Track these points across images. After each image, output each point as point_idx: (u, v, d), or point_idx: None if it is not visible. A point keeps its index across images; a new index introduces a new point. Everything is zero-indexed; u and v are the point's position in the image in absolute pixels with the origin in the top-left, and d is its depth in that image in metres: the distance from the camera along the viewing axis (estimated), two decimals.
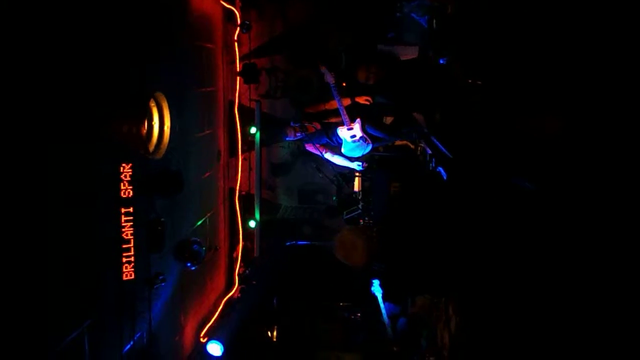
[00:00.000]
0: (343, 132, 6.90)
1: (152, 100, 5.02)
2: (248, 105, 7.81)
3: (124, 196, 4.33)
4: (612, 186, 3.40)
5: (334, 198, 7.68)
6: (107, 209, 4.27)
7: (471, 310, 4.27)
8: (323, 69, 6.74)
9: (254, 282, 7.57)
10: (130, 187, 4.34)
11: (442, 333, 5.29)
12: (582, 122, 3.74)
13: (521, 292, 3.64)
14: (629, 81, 3.51)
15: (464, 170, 4.45)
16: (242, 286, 7.62)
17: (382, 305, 6.22)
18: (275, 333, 7.33)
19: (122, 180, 4.29)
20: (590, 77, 3.74)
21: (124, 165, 4.24)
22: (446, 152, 4.72)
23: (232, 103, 7.78)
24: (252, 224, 7.79)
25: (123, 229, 4.38)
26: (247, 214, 7.85)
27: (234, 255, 7.94)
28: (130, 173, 4.33)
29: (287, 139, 7.43)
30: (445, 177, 4.73)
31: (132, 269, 4.46)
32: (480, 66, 4.52)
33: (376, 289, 6.31)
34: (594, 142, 3.65)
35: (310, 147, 7.42)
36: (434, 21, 6.11)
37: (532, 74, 4.12)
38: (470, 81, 4.55)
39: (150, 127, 5.06)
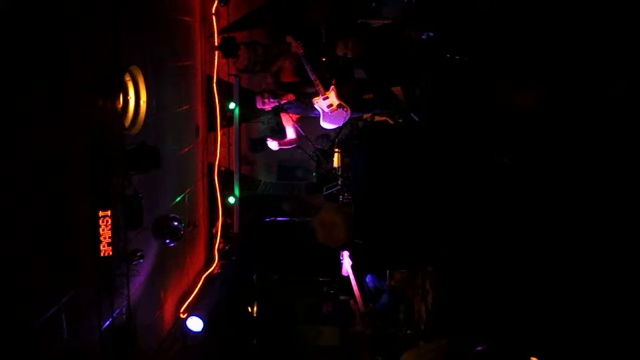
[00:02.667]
0: (319, 103, 6.86)
1: (127, 74, 4.92)
2: (227, 80, 7.71)
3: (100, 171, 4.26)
4: (588, 161, 3.44)
5: (314, 174, 7.67)
6: (83, 183, 4.21)
7: (448, 284, 4.33)
8: (289, 39, 6.68)
9: (234, 258, 7.58)
10: (107, 163, 4.28)
11: (419, 307, 5.36)
12: (559, 96, 3.77)
13: (496, 266, 3.69)
14: (605, 58, 3.54)
15: (442, 145, 4.47)
16: (222, 262, 7.62)
17: (352, 275, 6.27)
18: (255, 308, 7.36)
19: (97, 156, 4.22)
20: (567, 52, 3.75)
21: (99, 139, 4.16)
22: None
23: (210, 78, 7.68)
24: (231, 199, 7.76)
25: (99, 205, 4.32)
26: (227, 190, 7.81)
27: (214, 231, 7.92)
28: (107, 147, 4.26)
29: (259, 107, 7.37)
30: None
31: (110, 246, 4.42)
32: (458, 41, 4.51)
33: (346, 261, 6.36)
34: (571, 116, 3.68)
35: (285, 118, 7.38)
36: None
37: (511, 48, 4.12)
38: (448, 56, 4.55)
39: (126, 101, 4.98)
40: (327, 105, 6.82)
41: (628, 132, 3.55)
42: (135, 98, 5.10)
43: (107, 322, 4.66)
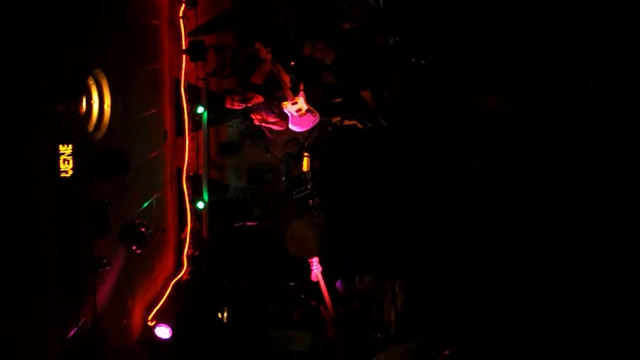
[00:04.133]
0: (288, 107, 6.85)
1: (90, 78, 4.83)
2: (195, 83, 7.63)
3: (64, 177, 4.17)
4: (552, 164, 3.49)
5: (283, 178, 7.64)
6: (46, 191, 4.12)
7: (417, 289, 4.35)
8: (258, 46, 6.66)
9: (203, 264, 7.50)
10: (70, 168, 4.19)
11: (388, 310, 5.38)
12: (524, 100, 3.82)
13: (464, 269, 3.72)
14: (573, 60, 3.59)
15: (410, 150, 4.49)
16: (191, 268, 7.54)
17: (321, 281, 6.27)
18: (225, 314, 7.30)
19: (60, 161, 4.13)
20: (534, 56, 3.80)
21: (62, 145, 4.07)
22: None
23: (178, 81, 7.59)
24: (200, 205, 7.68)
25: (64, 212, 4.23)
26: (196, 195, 7.73)
27: (183, 236, 7.82)
28: (70, 153, 4.17)
29: (227, 106, 7.32)
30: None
31: (75, 253, 4.33)
32: (426, 45, 4.54)
33: (316, 266, 6.36)
34: (539, 119, 3.73)
35: (256, 118, 7.34)
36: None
37: (478, 52, 4.16)
38: (414, 60, 4.58)
39: (90, 106, 4.88)
40: (296, 110, 6.82)
41: (597, 132, 3.61)
42: (100, 102, 5.01)
43: (72, 332, 4.56)
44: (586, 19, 3.67)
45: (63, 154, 4.09)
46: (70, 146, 4.11)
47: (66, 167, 4.13)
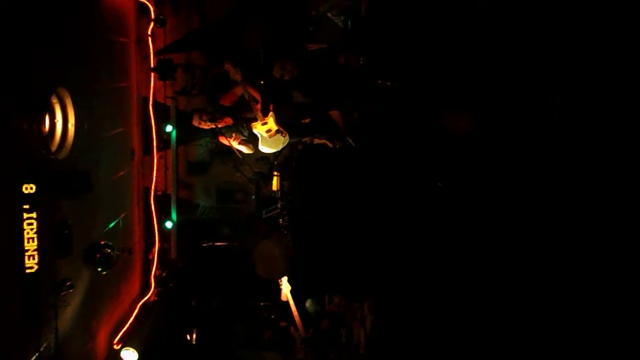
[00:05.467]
0: (257, 128, 6.82)
1: (54, 96, 4.74)
2: (164, 102, 7.57)
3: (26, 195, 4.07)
4: (520, 185, 3.53)
5: (253, 197, 7.59)
6: (6, 210, 4.01)
7: (386, 309, 4.34)
8: (227, 66, 6.65)
9: (171, 284, 7.39)
10: (32, 187, 4.09)
11: (358, 331, 5.35)
12: (492, 121, 3.86)
13: (434, 289, 3.72)
14: (541, 76, 3.65)
15: (379, 169, 4.51)
16: (159, 289, 7.41)
17: (291, 301, 6.21)
18: (194, 335, 7.18)
19: (22, 181, 4.03)
20: (501, 77, 3.86)
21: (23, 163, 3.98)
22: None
23: (146, 100, 7.52)
24: (168, 224, 7.56)
25: (24, 233, 4.12)
26: (164, 215, 7.62)
27: (150, 257, 7.69)
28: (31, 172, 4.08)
29: (194, 125, 7.26)
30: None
31: (36, 276, 4.21)
32: (392, 66, 4.59)
33: (285, 285, 6.30)
34: (504, 141, 3.78)
35: (223, 140, 7.30)
36: (349, 21, 6.16)
37: (444, 74, 4.21)
38: (380, 82, 4.61)
39: (53, 125, 4.79)
40: (265, 131, 6.79)
41: (567, 146, 3.65)
42: (63, 121, 4.92)
43: (34, 358, 4.42)
44: (554, 35, 3.74)
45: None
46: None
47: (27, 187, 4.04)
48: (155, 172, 7.62)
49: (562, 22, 3.73)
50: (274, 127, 6.79)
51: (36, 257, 4.15)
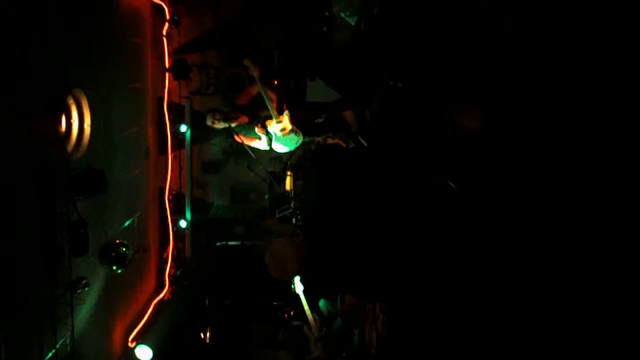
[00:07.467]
0: (272, 127, 6.82)
1: (70, 97, 4.80)
2: (179, 102, 7.63)
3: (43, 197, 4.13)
4: (527, 185, 3.52)
5: (266, 197, 7.61)
6: (25, 211, 4.07)
7: (397, 310, 4.34)
8: (247, 62, 6.63)
9: (186, 283, 7.43)
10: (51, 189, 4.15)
11: (369, 331, 5.35)
12: (499, 119, 3.85)
13: (445, 290, 3.72)
14: (548, 80, 3.63)
15: (391, 170, 4.51)
16: (173, 287, 7.46)
17: (304, 300, 6.20)
18: (208, 334, 7.22)
19: (40, 182, 4.10)
20: (508, 76, 3.84)
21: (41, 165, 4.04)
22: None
23: (161, 100, 7.58)
24: (182, 223, 7.63)
25: (43, 232, 4.19)
26: (178, 214, 7.68)
27: (165, 256, 7.75)
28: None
29: (208, 124, 7.29)
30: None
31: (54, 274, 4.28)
32: (404, 67, 4.58)
33: (297, 285, 6.30)
34: (511, 140, 3.76)
35: (237, 139, 7.33)
36: (362, 22, 6.14)
37: (452, 73, 4.20)
38: (391, 83, 4.61)
39: (69, 125, 4.85)
40: (280, 129, 6.79)
41: (561, 144, 3.62)
42: (79, 121, 4.98)
43: (50, 354, 4.48)
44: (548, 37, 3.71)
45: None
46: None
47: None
48: (169, 171, 7.68)
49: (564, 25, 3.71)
50: (289, 126, 6.77)
51: None
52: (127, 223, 6.52)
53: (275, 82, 6.91)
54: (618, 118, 3.18)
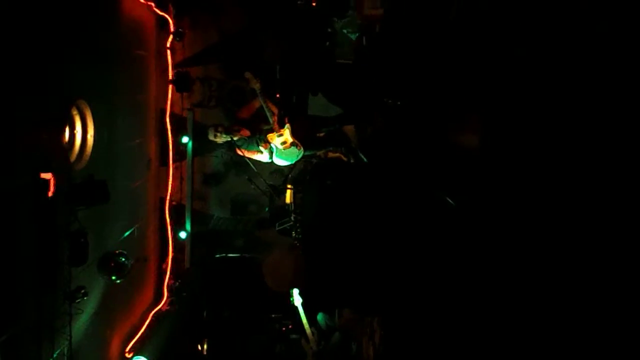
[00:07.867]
0: (273, 140, 6.86)
1: (74, 108, 4.86)
2: (181, 114, 7.69)
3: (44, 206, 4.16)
4: (526, 200, 3.54)
5: (266, 209, 7.64)
6: (26, 220, 4.10)
7: (395, 325, 4.34)
8: (248, 75, 6.68)
9: (184, 294, 7.44)
10: (51, 198, 4.18)
11: (367, 346, 5.34)
12: (500, 135, 3.87)
13: (443, 306, 3.73)
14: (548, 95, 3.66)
15: (391, 186, 4.53)
16: (172, 298, 7.46)
17: (302, 314, 6.21)
18: (205, 346, 7.21)
19: (41, 191, 4.13)
20: (509, 92, 3.87)
21: (42, 175, 4.07)
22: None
23: (163, 111, 7.64)
24: (182, 234, 7.66)
25: (43, 242, 4.21)
26: (178, 225, 7.71)
27: (164, 266, 7.77)
28: (51, 183, 4.17)
29: (210, 139, 7.34)
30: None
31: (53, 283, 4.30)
32: (402, 84, 4.62)
33: (295, 298, 6.31)
34: (512, 155, 3.78)
35: (239, 152, 7.37)
36: (364, 38, 6.21)
37: (453, 90, 4.23)
38: (390, 101, 4.64)
39: (72, 135, 4.90)
40: (281, 142, 6.83)
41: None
42: (83, 132, 5.03)
43: None
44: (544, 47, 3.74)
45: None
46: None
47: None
48: (170, 182, 7.73)
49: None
50: (289, 140, 6.82)
51: None
52: (127, 233, 6.54)
53: (278, 95, 6.96)
54: (622, 139, 3.20)
